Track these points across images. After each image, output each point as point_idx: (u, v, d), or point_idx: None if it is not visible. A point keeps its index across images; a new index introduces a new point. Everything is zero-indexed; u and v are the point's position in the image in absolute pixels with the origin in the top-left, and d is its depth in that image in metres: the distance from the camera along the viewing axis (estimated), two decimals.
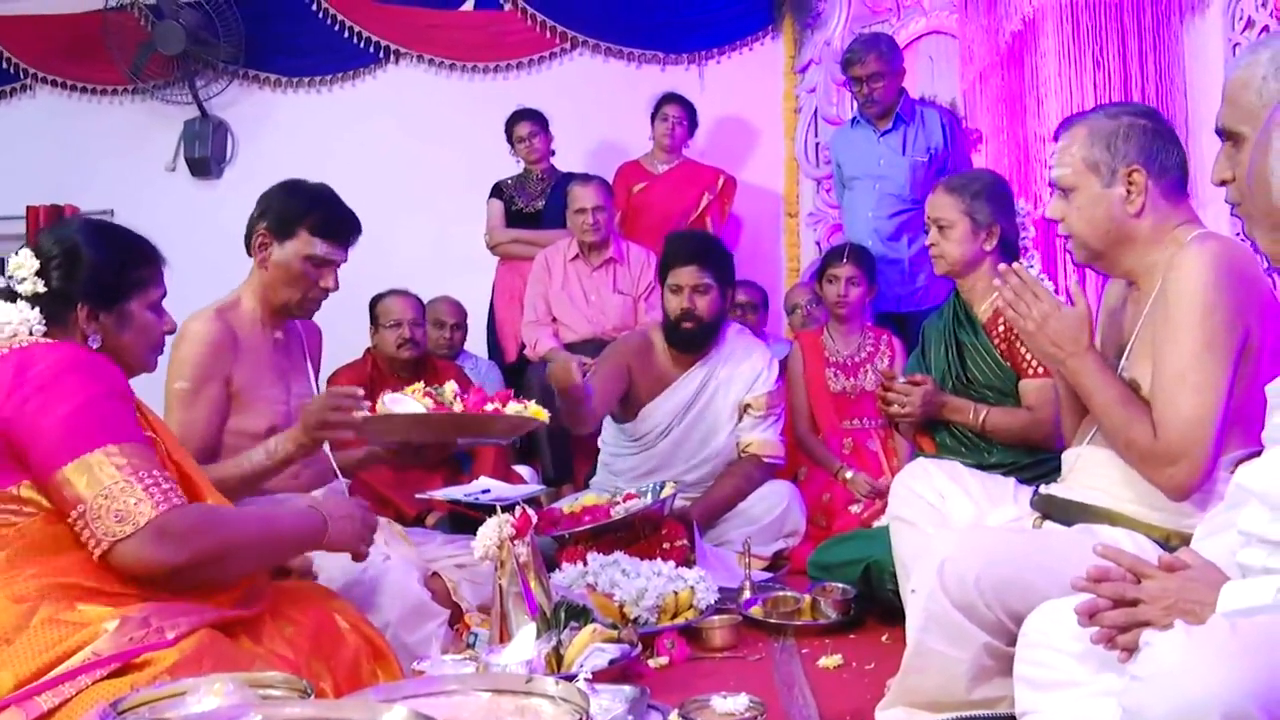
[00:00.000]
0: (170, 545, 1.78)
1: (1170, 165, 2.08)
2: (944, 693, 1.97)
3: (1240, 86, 1.57)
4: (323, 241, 2.70)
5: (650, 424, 3.91)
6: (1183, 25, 3.53)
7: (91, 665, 1.67)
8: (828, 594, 3.04)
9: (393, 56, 6.43)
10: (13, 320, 1.89)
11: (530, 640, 2.29)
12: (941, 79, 5.32)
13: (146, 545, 1.76)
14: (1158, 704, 1.26)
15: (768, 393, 3.90)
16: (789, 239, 5.92)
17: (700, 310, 3.79)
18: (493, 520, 2.48)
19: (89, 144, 6.56)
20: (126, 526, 1.74)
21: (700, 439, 3.91)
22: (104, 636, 1.70)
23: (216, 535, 1.88)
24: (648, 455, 3.94)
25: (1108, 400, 2.02)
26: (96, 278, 1.97)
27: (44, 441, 1.77)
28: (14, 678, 1.66)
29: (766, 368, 3.95)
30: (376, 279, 4.38)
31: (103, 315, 1.98)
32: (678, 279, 3.79)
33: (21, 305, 1.91)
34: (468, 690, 1.57)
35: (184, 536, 1.80)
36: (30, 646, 1.68)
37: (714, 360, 3.91)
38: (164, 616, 1.75)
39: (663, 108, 5.39)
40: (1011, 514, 2.27)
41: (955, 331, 3.12)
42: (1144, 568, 1.53)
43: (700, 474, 3.90)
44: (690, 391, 3.89)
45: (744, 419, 3.91)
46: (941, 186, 3.13)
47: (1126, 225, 2.07)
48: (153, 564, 1.78)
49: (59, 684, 1.64)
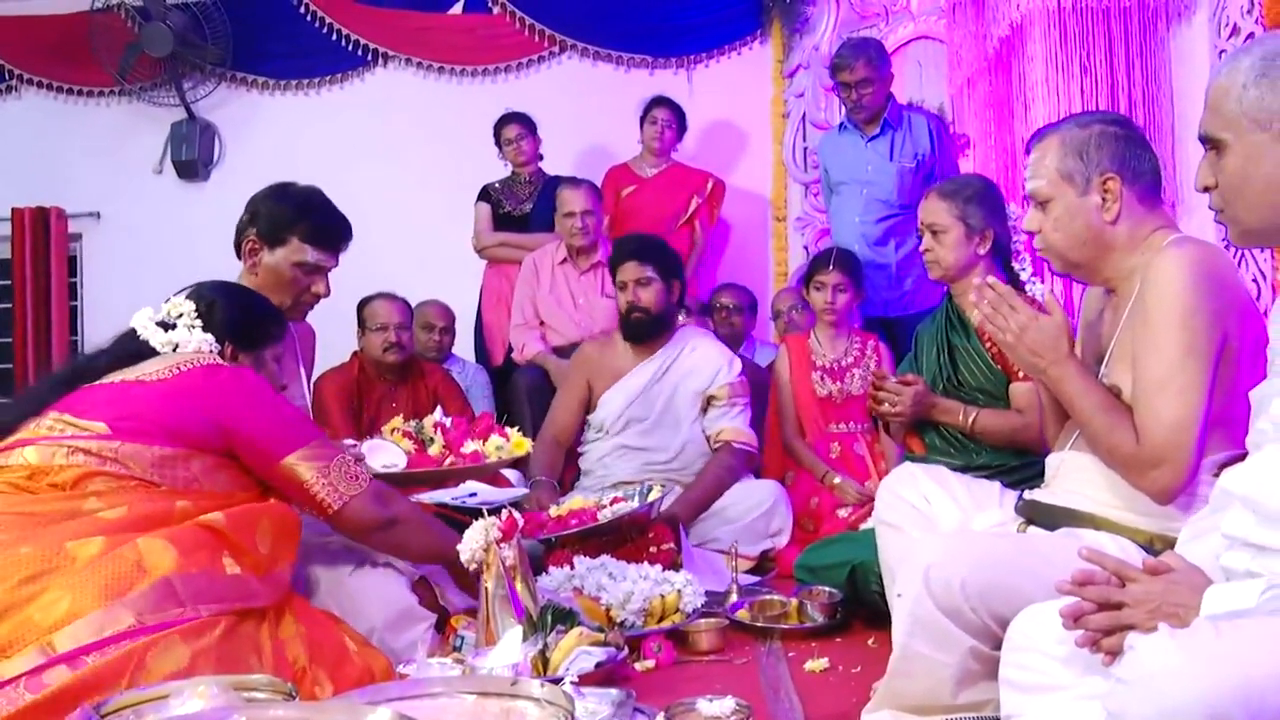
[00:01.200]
0: (383, 503, 2.37)
1: (1143, 171, 2.08)
2: (930, 697, 1.97)
3: (1222, 94, 1.58)
4: (314, 249, 2.70)
5: (607, 410, 4.08)
6: (1169, 31, 3.55)
7: (134, 632, 1.84)
8: (814, 597, 3.04)
9: (381, 59, 6.43)
10: (197, 343, 2.36)
11: (517, 643, 2.28)
12: (929, 84, 5.34)
13: (370, 501, 2.34)
14: (1142, 707, 1.27)
15: (729, 384, 4.04)
16: (777, 243, 5.93)
17: (645, 302, 3.99)
18: (479, 524, 2.48)
19: (76, 146, 6.55)
20: (356, 487, 2.32)
21: (667, 430, 4.04)
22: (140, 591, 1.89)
23: (407, 504, 2.50)
24: (614, 444, 4.07)
25: (1090, 406, 2.02)
26: (236, 323, 2.43)
27: (273, 435, 2.28)
28: (71, 604, 1.84)
29: (727, 363, 4.09)
30: (363, 282, 4.38)
31: (242, 355, 2.44)
32: (623, 275, 4.03)
33: (197, 332, 2.36)
34: (453, 692, 1.57)
35: (391, 498, 2.42)
36: (91, 578, 1.89)
37: (668, 351, 4.09)
38: (198, 598, 1.95)
39: (651, 111, 5.39)
40: (996, 518, 2.27)
41: (948, 335, 3.14)
42: (1128, 571, 1.53)
43: (677, 463, 4.01)
44: (644, 379, 4.05)
45: (710, 410, 4.04)
46: (934, 192, 3.14)
47: (1104, 233, 2.08)
48: (374, 516, 2.35)
49: (105, 646, 1.81)
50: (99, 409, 2.16)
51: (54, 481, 2.07)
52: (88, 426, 2.13)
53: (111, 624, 1.83)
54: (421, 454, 2.56)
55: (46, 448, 2.11)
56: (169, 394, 2.21)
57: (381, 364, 4.53)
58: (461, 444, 2.57)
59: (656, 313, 4.00)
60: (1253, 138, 1.54)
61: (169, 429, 2.16)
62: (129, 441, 2.12)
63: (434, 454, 2.56)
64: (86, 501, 2.04)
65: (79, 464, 2.09)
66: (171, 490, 2.13)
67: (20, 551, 1.89)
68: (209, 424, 2.21)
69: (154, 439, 2.14)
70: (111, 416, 2.15)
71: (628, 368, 4.09)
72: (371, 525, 2.36)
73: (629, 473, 3.95)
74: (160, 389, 2.21)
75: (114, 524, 2.00)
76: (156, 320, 2.39)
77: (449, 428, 2.58)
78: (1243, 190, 1.57)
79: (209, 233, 2.92)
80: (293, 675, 1.90)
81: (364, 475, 2.36)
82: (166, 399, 2.20)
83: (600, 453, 4.10)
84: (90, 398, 2.20)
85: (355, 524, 2.34)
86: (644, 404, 4.04)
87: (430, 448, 2.56)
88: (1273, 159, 1.53)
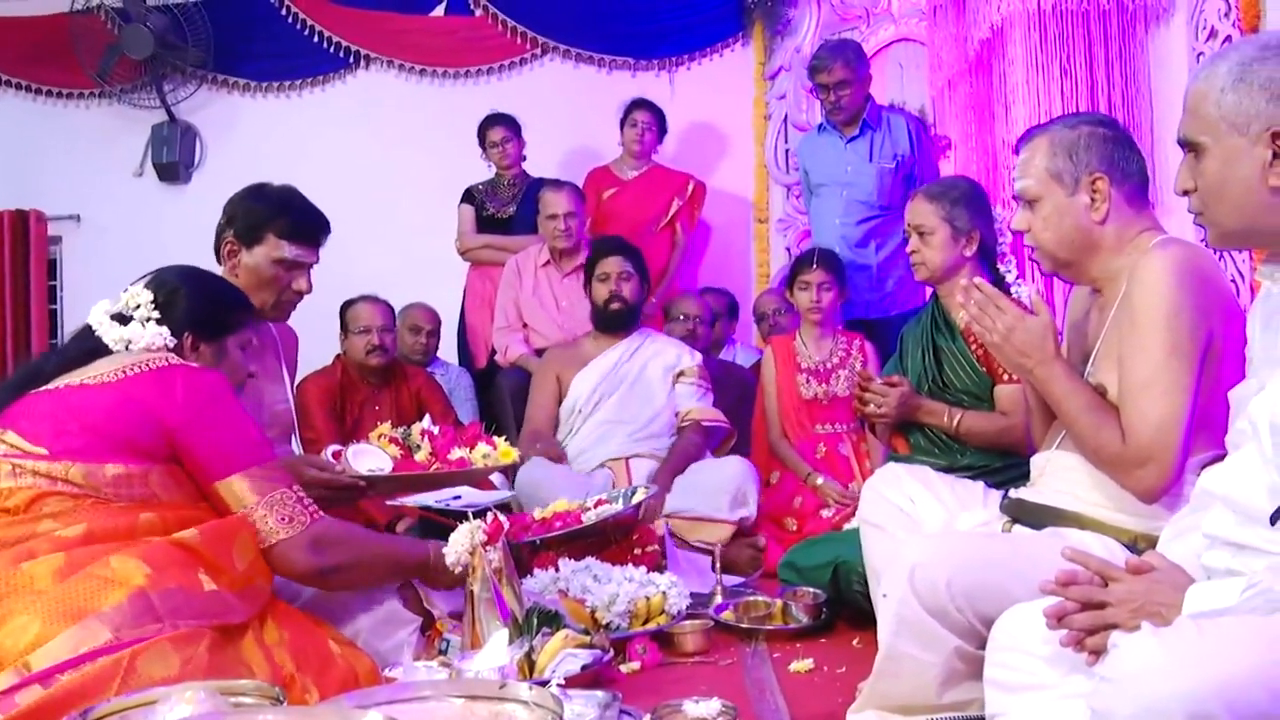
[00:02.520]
0: (319, 551, 2.14)
1: (1131, 172, 2.10)
2: (915, 696, 1.98)
3: (1200, 98, 1.59)
4: (291, 244, 2.69)
5: (577, 393, 4.28)
6: (1148, 34, 3.58)
7: (112, 647, 1.77)
8: (799, 598, 3.05)
9: (363, 61, 6.41)
10: (149, 338, 2.21)
11: (503, 646, 2.29)
12: (910, 86, 5.36)
13: (301, 549, 2.11)
14: (1125, 705, 1.28)
15: (696, 365, 4.33)
16: (759, 245, 5.94)
17: (626, 294, 4.27)
18: (464, 526, 2.47)
19: (56, 148, 6.51)
20: (289, 530, 2.10)
21: (640, 403, 4.25)
22: (115, 605, 1.82)
23: (352, 548, 2.24)
24: (591, 425, 4.24)
25: (1076, 406, 2.04)
26: (199, 312, 2.29)
27: (209, 453, 2.10)
28: (41, 628, 1.78)
29: (689, 350, 4.40)
30: (346, 285, 4.37)
31: (204, 346, 2.30)
32: (605, 269, 4.29)
33: (150, 327, 2.22)
34: (441, 696, 1.57)
35: (331, 545, 2.17)
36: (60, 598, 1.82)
37: (636, 337, 4.35)
38: (176, 613, 1.87)
39: (632, 113, 5.38)
40: (981, 518, 2.28)
41: (933, 336, 3.15)
42: (1111, 571, 1.55)
43: (652, 443, 4.20)
44: (612, 360, 4.29)
45: (679, 386, 4.28)
46: (921, 194, 3.16)
47: (1092, 233, 2.10)
48: (303, 565, 2.13)
49: (80, 663, 1.75)
50: (42, 423, 2.05)
51: (5, 506, 1.99)
52: (31, 450, 2.02)
53: (88, 640, 1.77)
54: (408, 460, 2.55)
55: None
56: (115, 401, 2.07)
57: (364, 367, 4.52)
58: (448, 451, 2.57)
59: (633, 303, 4.29)
60: (1230, 141, 1.56)
61: (116, 441, 2.04)
62: (79, 462, 2.01)
63: (420, 460, 2.56)
64: (41, 524, 1.96)
65: (29, 485, 1.99)
66: (131, 504, 2.03)
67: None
68: (157, 432, 2.08)
69: (103, 455, 2.02)
70: (54, 433, 2.03)
71: (594, 356, 4.31)
72: (302, 573, 2.17)
73: (610, 449, 4.14)
74: (106, 395, 2.08)
75: (73, 541, 1.93)
76: (113, 313, 2.26)
77: (436, 435, 2.57)
78: (1220, 194, 1.58)
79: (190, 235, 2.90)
80: (281, 681, 1.88)
81: (303, 517, 2.13)
82: (113, 407, 2.07)
83: (580, 440, 4.25)
84: (34, 409, 2.08)
85: (282, 568, 2.14)
86: (614, 380, 4.26)
87: (417, 454, 2.56)
88: (1249, 163, 1.54)
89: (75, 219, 6.57)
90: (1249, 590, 1.40)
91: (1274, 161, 1.52)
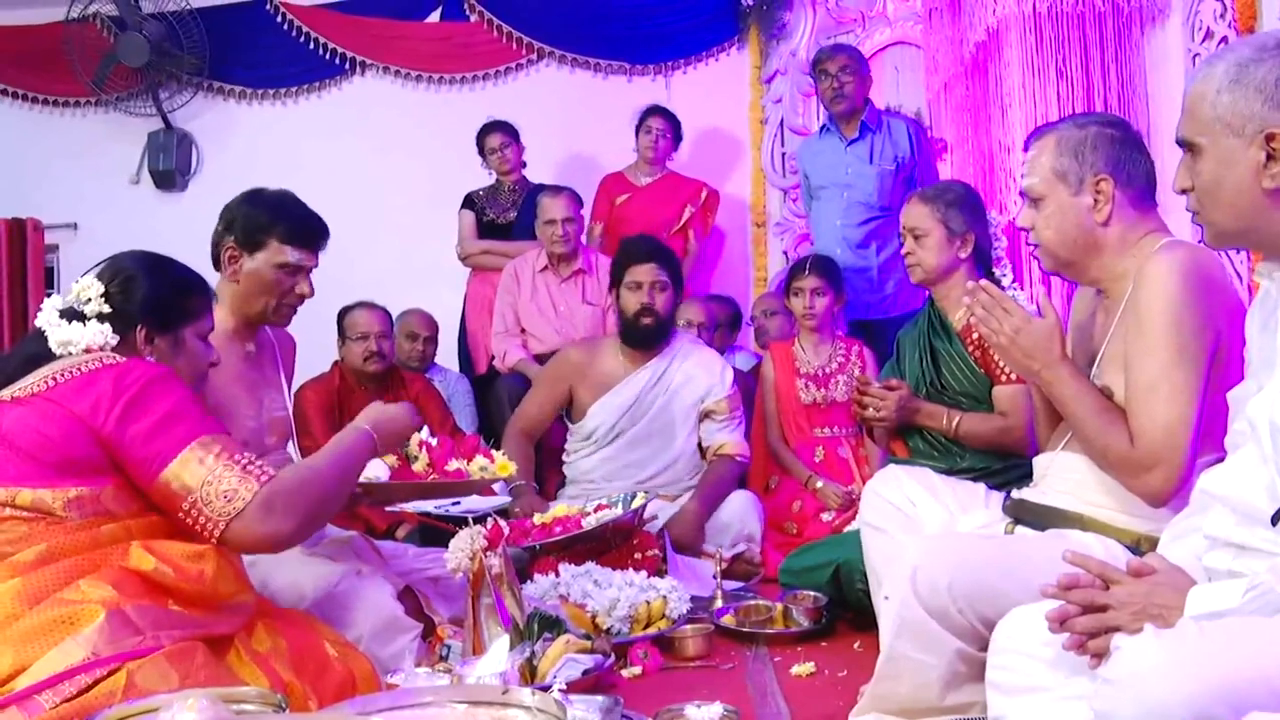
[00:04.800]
0: (276, 516, 1.95)
1: (1137, 174, 2.10)
2: (917, 699, 1.98)
3: (1197, 99, 1.60)
4: (293, 249, 2.69)
5: (596, 422, 4.02)
6: (1144, 36, 3.59)
7: (90, 665, 1.71)
8: (799, 602, 3.05)
9: (358, 68, 6.41)
10: (89, 338, 2.05)
11: (504, 652, 2.28)
12: (906, 89, 5.38)
13: (256, 519, 1.93)
14: (1127, 707, 1.28)
15: (726, 397, 4.03)
16: (757, 249, 5.94)
17: (659, 306, 3.94)
18: (465, 532, 2.48)
19: (52, 156, 6.51)
20: (236, 504, 1.92)
21: (660, 441, 4.00)
22: (94, 626, 1.74)
23: (310, 494, 2.05)
24: (603, 456, 4.03)
25: (1083, 409, 2.04)
26: (155, 302, 2.15)
27: (145, 448, 1.92)
28: (14, 657, 1.71)
29: (720, 373, 4.06)
30: (344, 291, 4.36)
31: (158, 339, 2.15)
32: (637, 276, 3.94)
33: (92, 324, 2.06)
34: (443, 702, 1.56)
35: (286, 506, 1.97)
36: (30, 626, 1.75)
37: (664, 359, 4.03)
38: (157, 625, 1.80)
39: (647, 120, 5.38)
40: (982, 519, 2.28)
41: (930, 339, 3.16)
42: (1112, 574, 1.55)
43: (666, 477, 3.99)
44: (637, 388, 3.99)
45: (707, 423, 4.03)
46: (916, 196, 3.17)
47: (1094, 234, 2.10)
48: (265, 536, 1.96)
49: (58, 682, 1.68)
50: None
51: None
52: None
53: (64, 659, 1.71)
54: (405, 469, 2.55)
55: None
56: (45, 416, 1.91)
57: (362, 373, 4.52)
58: (445, 462, 2.57)
59: (665, 318, 3.99)
60: (1226, 142, 1.56)
61: (54, 463, 1.89)
62: (25, 487, 1.87)
63: (418, 470, 2.56)
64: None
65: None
66: (88, 520, 1.90)
67: None
68: (92, 444, 1.91)
69: (48, 479, 1.88)
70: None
71: (618, 376, 4.03)
72: (266, 545, 2.00)
73: (616, 486, 3.90)
74: (33, 412, 1.92)
75: (30, 563, 1.83)
76: (63, 308, 2.10)
77: (434, 446, 2.58)
78: (1216, 194, 1.59)
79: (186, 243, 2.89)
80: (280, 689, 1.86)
81: (246, 487, 1.93)
82: (43, 423, 1.90)
83: (587, 465, 4.07)
84: None
85: (245, 546, 1.99)
86: (636, 415, 4.00)
87: (414, 464, 2.56)
88: (1244, 164, 1.55)
89: (72, 227, 6.56)
90: (1250, 591, 1.40)
91: (1268, 163, 1.52)
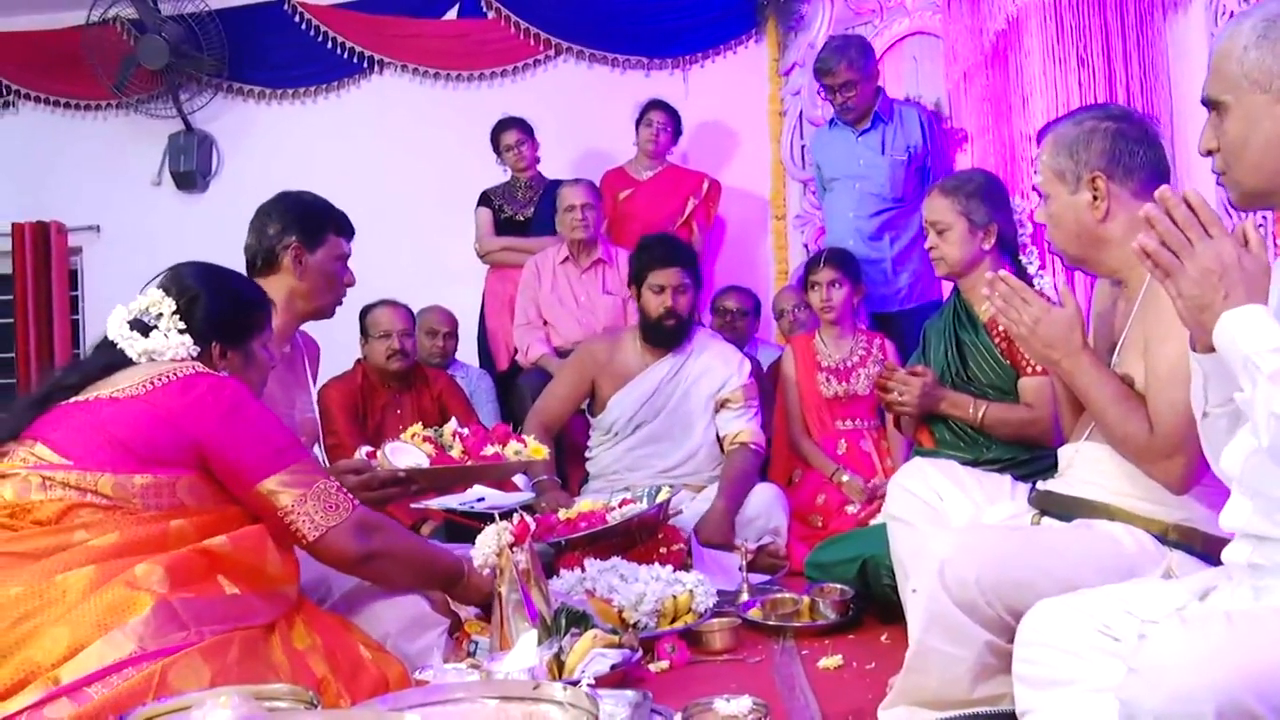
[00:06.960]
0: (365, 535, 2.20)
1: (1136, 166, 2.09)
2: (947, 691, 1.97)
3: (1223, 56, 1.59)
4: (345, 240, 2.82)
5: (616, 414, 4.09)
6: (1165, 22, 3.56)
7: (139, 658, 1.79)
8: (826, 594, 3.05)
9: (376, 66, 6.43)
10: (174, 350, 2.18)
11: (532, 647, 2.29)
12: (926, 79, 5.34)
13: (348, 533, 2.17)
14: (1154, 696, 1.27)
15: (742, 386, 4.08)
16: (776, 242, 5.93)
17: (681, 308, 4.02)
18: (491, 528, 2.48)
19: (74, 159, 6.56)
20: (335, 518, 2.16)
21: (680, 432, 4.07)
22: (140, 618, 1.83)
23: (392, 536, 2.31)
24: (625, 448, 4.09)
25: (1103, 397, 2.03)
26: (223, 319, 2.28)
27: (251, 456, 2.12)
28: (70, 639, 1.80)
29: (738, 366, 4.13)
30: (365, 289, 4.34)
31: (231, 353, 2.29)
32: (660, 279, 4.00)
33: (174, 336, 2.19)
34: (475, 698, 1.57)
35: (374, 530, 2.23)
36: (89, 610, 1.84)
37: (682, 354, 4.10)
38: (200, 619, 1.89)
39: (647, 114, 5.39)
40: (1009, 511, 2.27)
41: (956, 330, 3.14)
42: (1213, 228, 1.47)
43: (689, 467, 4.05)
44: (655, 381, 4.07)
45: (723, 412, 4.08)
46: (936, 189, 3.15)
47: (1096, 230, 2.10)
48: (352, 550, 2.19)
49: (107, 675, 1.77)
50: (69, 436, 2.04)
51: (37, 518, 1.98)
52: (60, 462, 2.01)
53: (113, 653, 1.79)
54: (444, 456, 2.63)
55: (21, 483, 2.00)
56: (142, 413, 2.07)
57: (385, 371, 4.54)
58: (480, 449, 2.63)
59: (687, 318, 4.08)
60: (1252, 98, 1.55)
61: (143, 454, 2.04)
62: (107, 473, 2.01)
63: (455, 456, 2.64)
64: (75, 534, 1.96)
65: (59, 498, 1.99)
66: (160, 514, 2.03)
67: (10, 593, 1.84)
68: (184, 444, 2.08)
69: (131, 467, 2.02)
70: (83, 446, 2.03)
71: (637, 370, 4.10)
72: (352, 558, 2.22)
73: (639, 478, 3.97)
74: (133, 407, 2.07)
75: (105, 551, 1.94)
76: (131, 320, 2.23)
77: (466, 435, 2.65)
78: (1242, 152, 1.58)
79: (208, 243, 2.91)
80: (314, 686, 1.88)
81: (346, 504, 2.19)
82: (139, 419, 2.06)
83: (610, 458, 4.12)
84: (61, 421, 2.07)
85: (332, 556, 2.21)
86: (654, 407, 4.06)
87: (451, 451, 2.63)
88: (1272, 119, 1.54)
89: (95, 229, 6.61)
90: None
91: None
